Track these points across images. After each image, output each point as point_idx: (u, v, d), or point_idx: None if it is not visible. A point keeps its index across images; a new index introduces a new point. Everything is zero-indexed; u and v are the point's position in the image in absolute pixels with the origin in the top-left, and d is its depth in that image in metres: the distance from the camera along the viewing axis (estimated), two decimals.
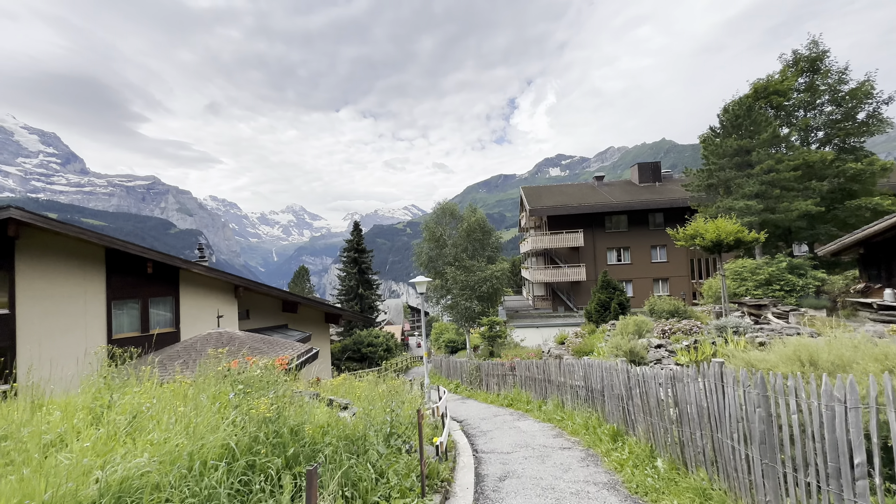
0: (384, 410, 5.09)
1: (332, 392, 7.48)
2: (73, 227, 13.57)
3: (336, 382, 8.14)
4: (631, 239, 35.00)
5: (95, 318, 14.51)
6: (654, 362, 8.38)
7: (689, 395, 4.34)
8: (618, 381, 6.06)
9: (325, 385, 7.98)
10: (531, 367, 10.94)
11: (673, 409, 4.57)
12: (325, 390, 7.32)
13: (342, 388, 7.73)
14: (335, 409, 5.33)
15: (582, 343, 12.75)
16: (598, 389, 7.02)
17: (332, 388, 7.79)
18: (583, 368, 7.75)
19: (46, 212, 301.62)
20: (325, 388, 7.65)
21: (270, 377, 4.01)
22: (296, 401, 4.92)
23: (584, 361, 7.62)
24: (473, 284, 30.32)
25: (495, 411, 11.17)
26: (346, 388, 7.80)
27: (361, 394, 7.55)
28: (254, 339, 13.58)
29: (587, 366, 7.54)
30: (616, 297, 25.32)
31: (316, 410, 4.59)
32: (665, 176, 40.80)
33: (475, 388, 15.21)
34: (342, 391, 7.46)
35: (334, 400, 5.64)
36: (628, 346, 8.25)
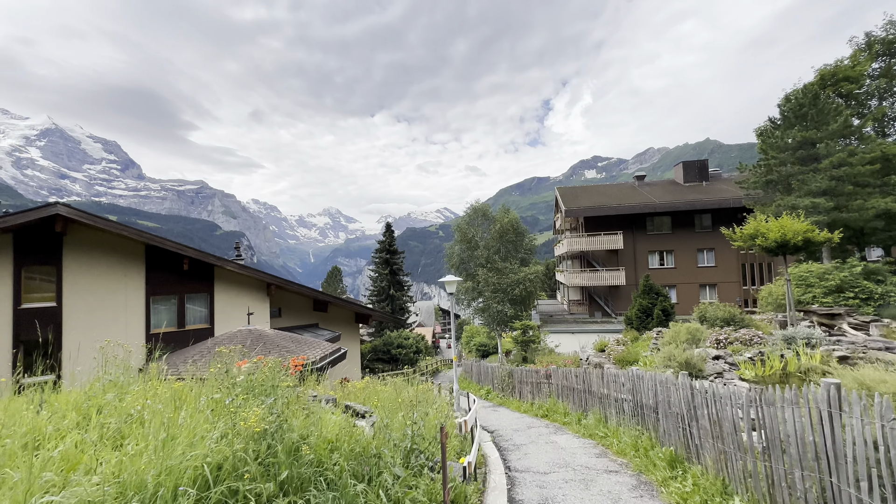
0: (406, 422, 4.51)
1: (354, 396, 7.01)
2: (115, 224, 14.02)
3: (360, 385, 7.67)
4: (675, 242, 32.91)
5: (135, 314, 14.92)
6: (714, 376, 7.34)
7: (783, 422, 3.46)
8: (676, 398, 5.19)
9: (347, 388, 7.52)
10: (569, 376, 10.08)
11: (758, 438, 3.71)
12: (345, 394, 6.85)
13: (364, 393, 7.24)
14: (351, 418, 4.80)
15: (624, 351, 11.72)
16: (649, 405, 6.15)
17: (354, 392, 7.32)
18: (630, 380, 6.87)
19: (107, 214, 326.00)
20: (346, 391, 7.19)
21: (272, 381, 3.52)
22: (307, 407, 4.43)
23: (632, 372, 6.75)
24: (506, 287, 29.41)
25: (529, 422, 10.37)
26: (368, 392, 7.31)
27: (384, 399, 7.02)
28: (282, 338, 13.46)
29: (636, 377, 6.66)
30: (659, 303, 23.72)
31: (328, 419, 4.08)
32: (713, 175, 38.24)
33: (507, 396, 14.42)
34: (363, 396, 6.97)
35: (352, 407, 5.12)
36: (683, 356, 7.25)
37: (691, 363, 7.21)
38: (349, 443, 3.53)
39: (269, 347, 12.61)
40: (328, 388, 8.83)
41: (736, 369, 7.97)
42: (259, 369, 4.40)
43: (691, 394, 4.76)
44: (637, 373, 6.63)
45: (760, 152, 19.25)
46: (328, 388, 8.97)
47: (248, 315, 14.28)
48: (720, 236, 32.34)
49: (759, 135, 19.90)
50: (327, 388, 9.28)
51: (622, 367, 11.24)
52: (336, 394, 7.24)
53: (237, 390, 3.10)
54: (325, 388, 8.02)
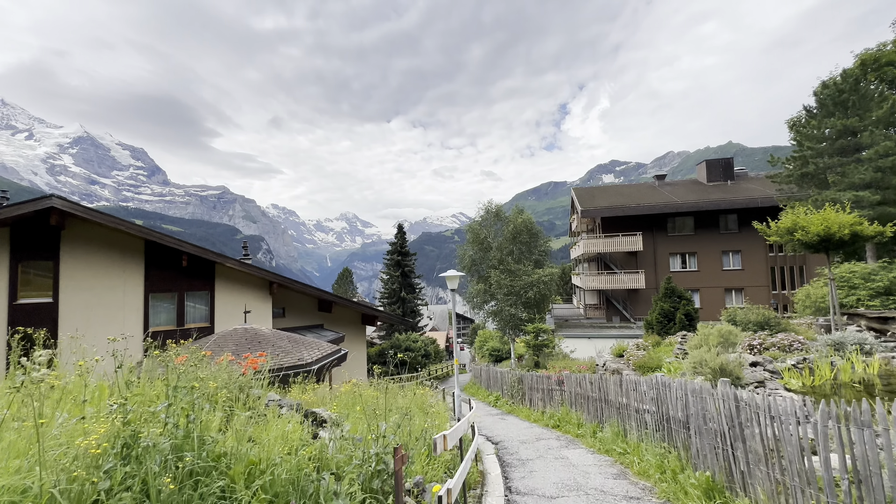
0: (371, 435, 3.66)
1: (335, 402, 6.21)
2: (112, 218, 13.68)
3: (344, 389, 6.87)
4: (698, 243, 31.29)
5: (133, 311, 14.55)
6: (753, 385, 6.28)
7: (890, 449, 2.49)
8: (714, 411, 4.21)
9: (319, 393, 6.72)
10: (583, 383, 9.07)
11: (840, 469, 2.73)
12: (320, 399, 6.05)
13: (347, 398, 6.44)
14: (313, 428, 3.99)
15: (645, 357, 10.63)
16: (678, 419, 5.15)
17: (338, 397, 6.52)
18: (654, 389, 5.87)
19: (134, 219, 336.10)
20: (320, 396, 6.39)
21: (189, 381, 2.73)
22: (258, 415, 3.64)
23: (657, 380, 5.76)
24: (519, 290, 28.37)
25: (538, 433, 9.39)
26: (350, 397, 6.51)
27: (366, 405, 6.19)
28: (279, 337, 12.83)
29: (661, 386, 5.67)
30: (682, 307, 22.35)
31: (275, 431, 3.28)
32: (738, 174, 36.42)
33: (517, 403, 13.42)
34: (343, 401, 6.17)
35: (316, 415, 4.32)
36: (717, 361, 6.20)
37: (727, 370, 6.15)
38: (288, 463, 2.72)
39: (264, 347, 11.99)
40: (327, 391, 8.07)
41: (778, 378, 6.87)
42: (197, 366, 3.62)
43: (736, 407, 3.78)
44: (662, 380, 5.64)
45: (794, 143, 17.82)
46: (328, 390, 8.21)
47: (245, 313, 13.71)
48: (747, 238, 30.61)
49: (791, 126, 18.48)
50: (325, 390, 8.52)
51: (643, 373, 10.17)
52: (318, 398, 6.46)
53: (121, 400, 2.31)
54: (315, 392, 7.25)
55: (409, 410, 8.06)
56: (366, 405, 6.68)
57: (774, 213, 29.25)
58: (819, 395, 6.36)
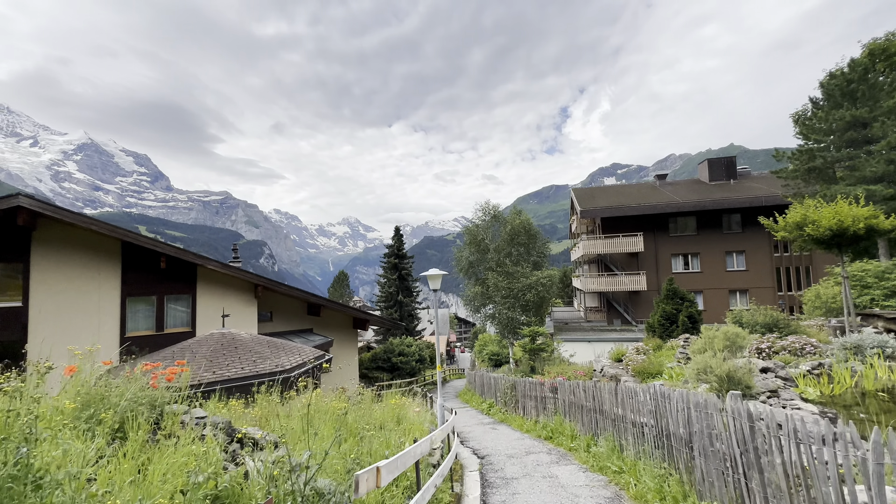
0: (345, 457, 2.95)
1: (291, 416, 5.51)
2: (85, 218, 13.08)
3: (306, 400, 6.16)
4: (701, 244, 30.50)
5: (109, 315, 13.91)
6: (765, 394, 5.54)
7: None
8: (724, 431, 3.50)
9: (270, 407, 6.02)
10: (577, 391, 8.35)
11: None
12: (272, 413, 5.35)
13: (308, 410, 5.74)
14: (230, 454, 3.31)
15: (645, 362, 9.89)
16: (680, 436, 4.44)
17: (293, 410, 5.83)
18: (653, 400, 5.15)
19: (137, 224, 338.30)
20: (271, 409, 5.68)
21: None
22: (163, 437, 2.96)
23: (656, 390, 5.04)
24: (517, 292, 27.63)
25: (529, 445, 8.65)
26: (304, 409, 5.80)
27: (327, 420, 5.51)
28: (258, 342, 12.16)
29: (660, 397, 4.95)
30: (685, 309, 21.58)
31: (170, 459, 2.60)
32: (742, 173, 35.67)
33: (510, 411, 12.67)
34: (303, 415, 5.46)
35: (249, 436, 3.63)
36: (724, 367, 5.47)
37: (734, 377, 5.43)
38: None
39: (240, 353, 11.32)
40: (291, 402, 7.36)
41: (792, 386, 6.14)
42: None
43: (750, 428, 3.06)
44: (661, 390, 4.93)
45: (799, 137, 17.08)
46: (290, 401, 7.50)
47: (223, 317, 13.04)
48: (751, 238, 29.81)
49: (796, 120, 17.75)
50: (295, 401, 7.82)
51: (643, 380, 9.43)
52: (268, 413, 5.75)
53: None
54: (285, 403, 6.54)
55: (384, 423, 7.36)
56: (330, 419, 5.98)
57: (779, 212, 28.52)
58: (840, 405, 5.62)
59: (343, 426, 5.82)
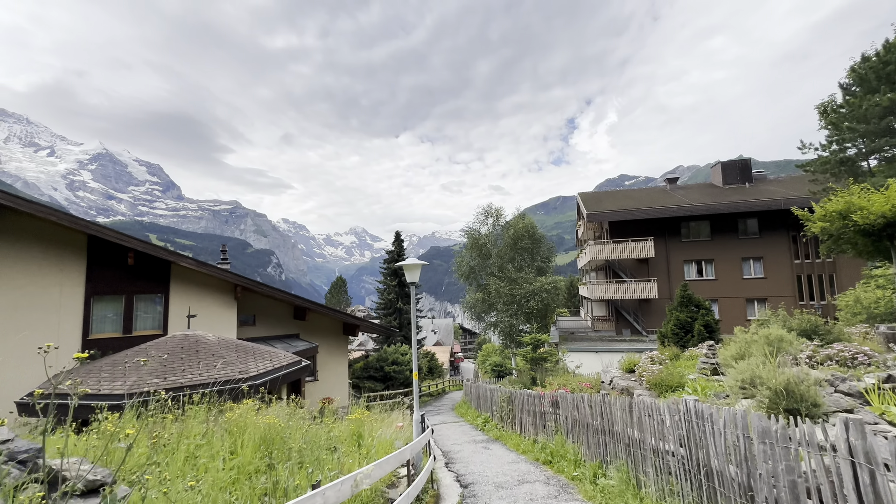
0: None
1: (210, 433, 4.21)
2: (44, 208, 12.03)
3: (235, 414, 4.86)
4: (715, 250, 28.88)
5: (70, 315, 12.77)
6: (838, 413, 4.15)
7: None
8: (824, 480, 2.13)
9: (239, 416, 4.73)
10: (581, 407, 6.94)
11: None
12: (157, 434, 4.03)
13: (232, 425, 4.45)
14: None
15: (663, 373, 8.43)
16: (729, 478, 3.07)
17: (211, 428, 4.53)
18: (684, 421, 3.78)
19: (148, 232, 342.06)
20: (192, 429, 4.37)
21: None
22: None
23: (688, 408, 3.67)
24: (519, 299, 26.20)
25: (524, 471, 7.22)
26: (239, 425, 4.50)
27: (254, 440, 4.19)
28: (224, 346, 10.90)
29: (696, 418, 3.58)
30: (700, 318, 20.00)
31: None
32: (757, 177, 34.08)
33: (506, 427, 11.21)
34: (227, 432, 4.17)
35: (67, 479, 2.33)
36: (781, 379, 4.04)
37: (795, 392, 4.01)
38: None
39: (202, 357, 10.08)
40: (286, 408, 6.08)
41: (861, 402, 4.72)
42: None
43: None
44: (696, 408, 3.56)
45: (829, 129, 15.60)
46: (291, 407, 6.21)
47: (189, 318, 11.85)
48: (770, 243, 28.14)
49: (822, 111, 16.32)
50: (246, 411, 6.52)
51: (660, 394, 7.99)
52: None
53: None
54: (234, 412, 5.25)
55: (340, 444, 6.01)
56: (259, 439, 4.67)
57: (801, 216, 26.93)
58: None
59: (278, 448, 4.50)
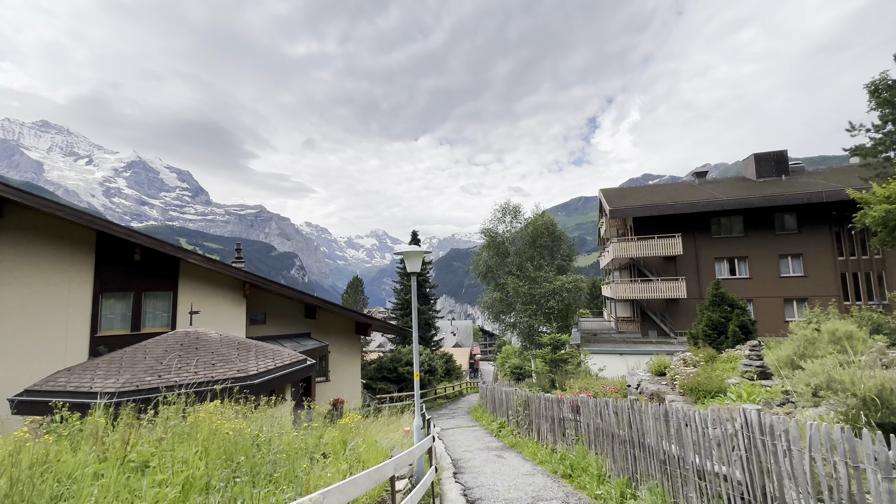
0: None
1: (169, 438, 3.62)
2: (56, 205, 11.94)
3: (198, 418, 4.26)
4: (749, 246, 27.09)
5: (79, 312, 12.67)
6: None
7: None
8: None
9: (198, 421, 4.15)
10: (605, 414, 6.07)
11: None
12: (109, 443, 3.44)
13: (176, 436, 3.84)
14: None
15: (700, 376, 7.45)
16: None
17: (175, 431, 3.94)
18: (743, 440, 2.91)
19: (178, 237, 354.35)
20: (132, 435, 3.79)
21: None
22: None
23: (748, 419, 2.81)
24: (539, 298, 25.17)
25: (540, 486, 6.40)
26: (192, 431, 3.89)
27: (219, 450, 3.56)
28: (225, 344, 10.48)
29: (761, 432, 2.72)
30: (735, 318, 18.57)
31: None
32: (794, 169, 31.95)
33: (522, 434, 10.36)
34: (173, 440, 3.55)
35: None
36: (871, 384, 3.12)
37: (892, 401, 3.12)
38: None
39: (200, 354, 9.66)
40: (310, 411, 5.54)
41: None
42: None
43: None
44: (763, 421, 2.69)
45: (881, 109, 14.05)
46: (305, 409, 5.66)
47: (191, 314, 11.50)
48: (810, 239, 26.18)
49: (873, 91, 14.77)
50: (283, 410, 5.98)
51: (696, 400, 7.01)
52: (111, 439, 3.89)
53: None
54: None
55: (334, 450, 5.35)
56: (222, 447, 4.05)
57: (844, 209, 24.89)
58: None
59: (247, 458, 3.86)
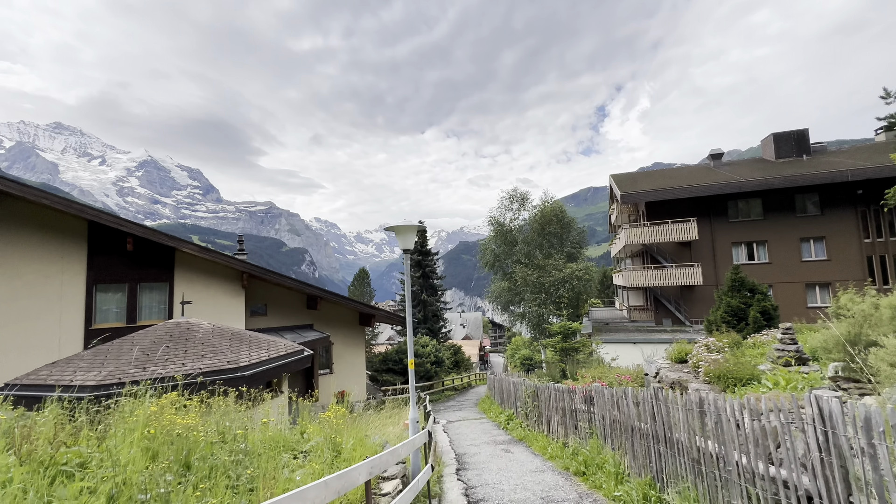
0: None
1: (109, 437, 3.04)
2: (44, 194, 11.55)
3: (144, 413, 3.68)
4: (768, 230, 25.92)
5: (72, 304, 12.32)
6: None
7: None
8: None
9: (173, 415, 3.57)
10: (623, 404, 5.39)
11: None
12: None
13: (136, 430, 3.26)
14: None
15: (728, 363, 6.72)
16: None
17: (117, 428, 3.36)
18: (817, 434, 2.23)
19: (191, 234, 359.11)
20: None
21: None
22: None
23: (827, 408, 2.14)
24: (548, 287, 24.41)
25: (551, 484, 5.76)
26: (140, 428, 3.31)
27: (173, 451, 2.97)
28: (217, 335, 10.00)
29: (840, 426, 2.05)
30: (756, 304, 17.64)
31: None
32: (816, 148, 30.46)
33: (532, 426, 9.73)
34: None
35: None
36: None
37: None
38: None
39: (190, 346, 9.18)
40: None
41: None
42: None
43: None
44: (865, 413, 2.02)
45: None
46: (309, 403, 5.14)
47: (182, 304, 11.04)
48: (833, 221, 24.92)
49: None
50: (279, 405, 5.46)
51: (724, 388, 6.30)
52: None
53: None
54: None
55: (309, 451, 4.77)
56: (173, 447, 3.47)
57: (871, 188, 23.58)
58: None
59: (199, 459, 3.27)
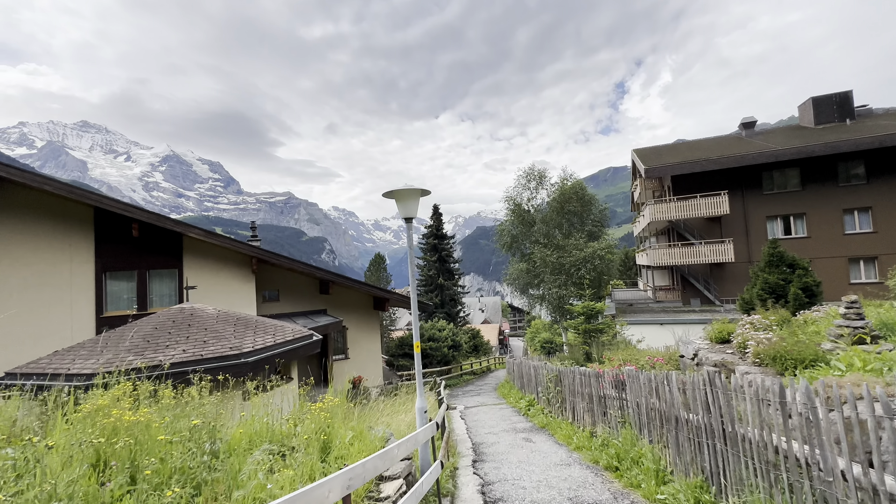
0: None
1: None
2: (42, 178, 11.33)
3: (94, 407, 3.10)
4: (807, 202, 24.13)
5: (83, 292, 12.19)
6: None
7: None
8: None
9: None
10: (664, 391, 4.63)
11: None
12: None
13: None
14: None
15: (785, 341, 5.84)
16: None
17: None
18: None
19: (214, 226, 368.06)
20: None
21: None
22: None
23: None
24: (569, 268, 23.42)
25: (579, 481, 5.08)
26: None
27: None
28: (222, 320, 9.61)
29: None
30: (796, 280, 16.27)
31: None
32: (861, 112, 28.08)
33: (554, 413, 9.06)
34: None
35: None
36: None
37: None
38: None
39: (192, 332, 8.80)
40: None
41: None
42: None
43: None
44: None
45: None
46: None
47: (187, 289, 10.69)
48: (881, 190, 22.94)
49: None
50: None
51: (781, 372, 5.45)
52: None
53: None
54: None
55: (308, 443, 4.21)
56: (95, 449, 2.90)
57: None
58: None
59: (161, 460, 2.71)
